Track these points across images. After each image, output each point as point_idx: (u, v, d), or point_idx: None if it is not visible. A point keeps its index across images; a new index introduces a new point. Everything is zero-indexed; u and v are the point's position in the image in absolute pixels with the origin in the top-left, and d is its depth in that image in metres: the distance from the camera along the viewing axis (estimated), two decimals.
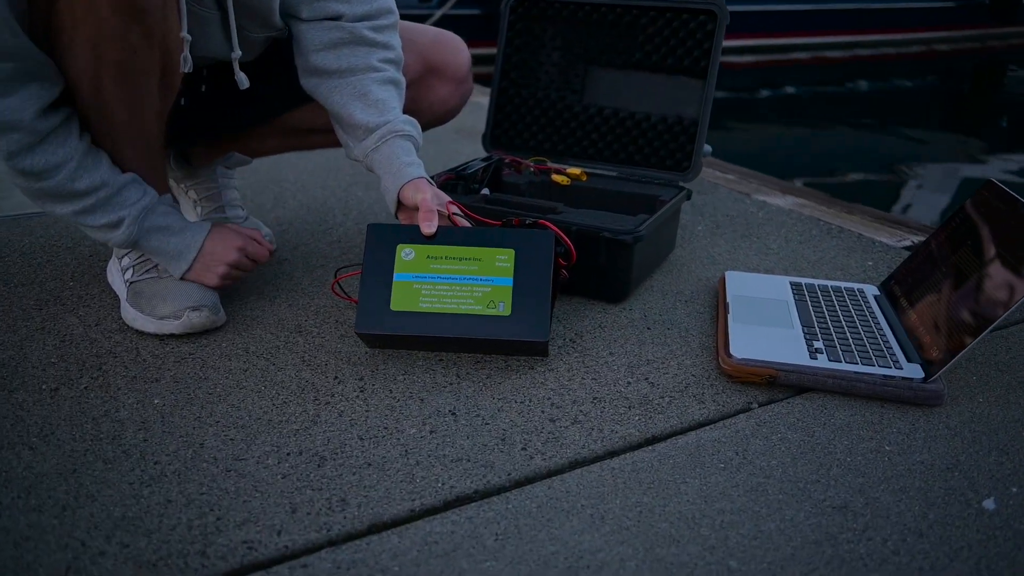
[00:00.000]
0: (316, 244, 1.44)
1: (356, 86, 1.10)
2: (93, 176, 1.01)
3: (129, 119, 1.01)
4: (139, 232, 1.06)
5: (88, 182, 1.00)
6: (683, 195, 1.37)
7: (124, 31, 0.92)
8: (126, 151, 1.04)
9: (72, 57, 0.93)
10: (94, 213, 1.03)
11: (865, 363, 1.00)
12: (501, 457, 0.86)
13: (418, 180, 1.06)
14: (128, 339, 1.08)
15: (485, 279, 1.00)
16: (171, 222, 1.08)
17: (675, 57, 1.44)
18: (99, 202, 1.02)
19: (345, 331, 1.12)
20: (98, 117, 1.00)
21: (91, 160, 1.01)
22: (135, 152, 1.05)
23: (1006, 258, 0.96)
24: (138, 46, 0.94)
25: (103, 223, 1.04)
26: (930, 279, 1.09)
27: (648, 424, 0.93)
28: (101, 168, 1.01)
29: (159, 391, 0.96)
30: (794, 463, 0.86)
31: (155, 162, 1.10)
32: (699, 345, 1.12)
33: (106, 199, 1.03)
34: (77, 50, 0.92)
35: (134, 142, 1.04)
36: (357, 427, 0.90)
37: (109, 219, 1.04)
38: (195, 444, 0.86)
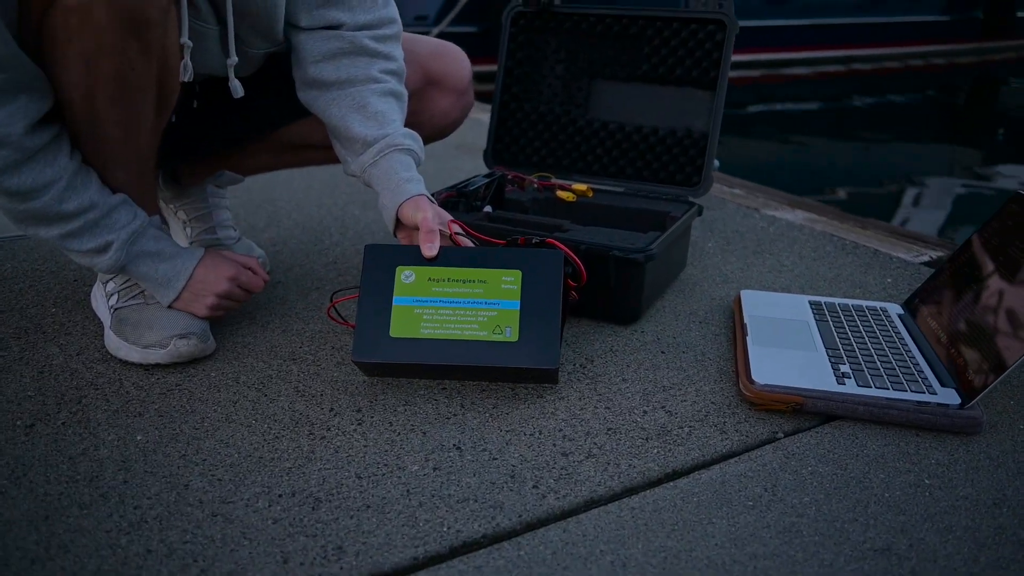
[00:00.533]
0: (311, 265, 1.38)
1: (355, 98, 1.05)
2: (82, 197, 0.95)
3: (123, 137, 0.95)
4: (127, 257, 1.00)
5: (77, 203, 0.94)
6: (694, 211, 1.32)
7: (122, 45, 0.86)
8: (117, 171, 0.98)
9: (64, 71, 0.87)
10: (81, 237, 0.97)
11: (896, 388, 0.94)
12: (511, 496, 0.79)
13: (418, 198, 1.00)
14: (111, 370, 1.01)
15: (490, 302, 0.94)
16: (162, 247, 1.02)
17: (683, 68, 1.39)
18: (87, 225, 0.96)
19: (342, 358, 1.06)
20: (90, 135, 0.94)
21: (80, 180, 0.95)
22: (127, 172, 0.99)
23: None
24: (136, 61, 0.89)
25: (90, 247, 0.98)
26: (961, 297, 1.03)
27: (668, 457, 0.86)
28: (90, 188, 0.95)
29: (142, 426, 0.90)
30: (828, 500, 0.79)
31: (146, 182, 1.04)
32: (717, 370, 1.06)
33: (94, 222, 0.97)
34: (70, 64, 0.86)
35: (126, 162, 0.98)
36: (355, 464, 0.84)
37: (96, 243, 0.98)
38: (179, 485, 0.80)
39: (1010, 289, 0.94)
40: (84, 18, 0.83)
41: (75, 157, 0.94)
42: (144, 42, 0.88)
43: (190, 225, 1.29)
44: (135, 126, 0.95)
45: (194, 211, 1.29)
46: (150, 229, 1.02)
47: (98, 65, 0.86)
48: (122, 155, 0.97)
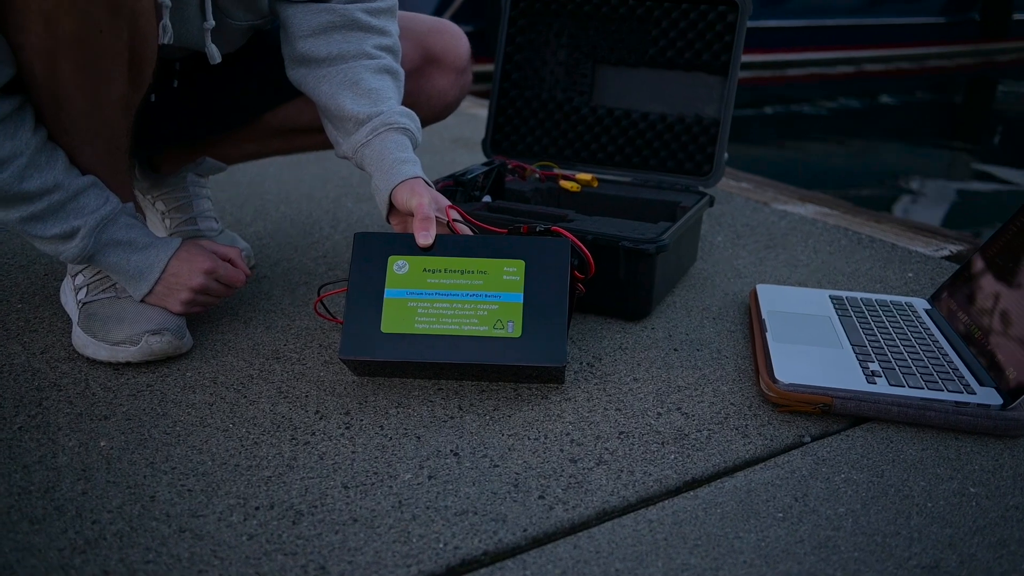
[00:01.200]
0: (300, 259, 1.30)
1: (347, 74, 0.97)
2: (45, 176, 0.86)
3: (91, 110, 0.87)
4: (95, 246, 0.92)
5: (39, 183, 0.86)
6: (705, 201, 1.24)
7: (85, 2, 0.78)
8: (85, 149, 0.90)
9: (24, 32, 0.79)
10: (44, 221, 0.89)
11: (932, 388, 0.87)
12: (515, 508, 0.71)
13: (413, 181, 0.92)
14: (77, 369, 0.93)
15: (491, 295, 0.86)
16: (134, 236, 0.94)
17: (693, 52, 1.31)
18: (51, 208, 0.88)
19: (330, 357, 0.98)
20: (54, 107, 0.86)
21: (45, 158, 0.86)
22: (96, 151, 0.91)
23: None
24: (103, 22, 0.80)
25: (54, 233, 0.89)
26: (996, 290, 0.95)
27: (686, 464, 0.78)
28: (56, 168, 0.87)
29: (107, 431, 0.81)
30: (866, 511, 0.72)
31: (118, 165, 0.95)
32: (735, 368, 0.98)
33: (59, 205, 0.88)
34: (30, 24, 0.78)
35: (95, 139, 0.90)
36: (341, 473, 0.76)
37: (62, 228, 0.89)
38: (144, 497, 0.71)
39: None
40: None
41: (39, 133, 0.86)
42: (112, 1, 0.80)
43: (169, 216, 1.21)
44: (105, 98, 0.87)
45: (173, 201, 1.21)
46: (122, 216, 0.94)
47: (59, 24, 0.78)
48: (90, 132, 0.89)
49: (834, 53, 7.71)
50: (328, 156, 1.99)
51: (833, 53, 7.70)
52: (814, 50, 7.60)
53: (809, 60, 7.55)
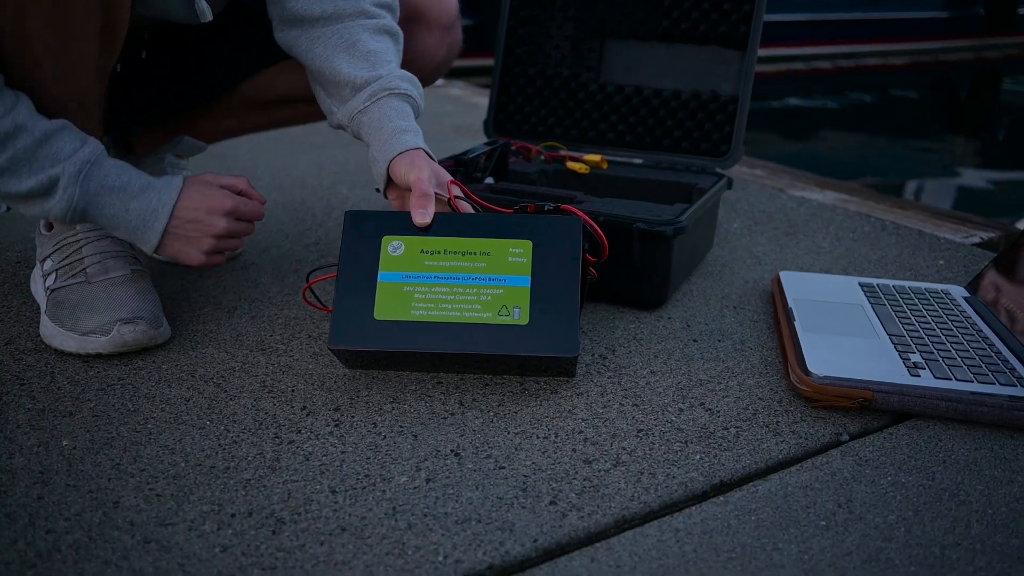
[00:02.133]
0: (290, 247, 1.22)
1: (342, 35, 0.88)
2: (4, 119, 0.75)
3: (62, 75, 0.78)
4: (83, 197, 0.79)
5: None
6: (724, 183, 1.16)
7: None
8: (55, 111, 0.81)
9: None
10: (16, 173, 0.77)
11: (982, 381, 0.79)
12: (523, 515, 0.63)
13: (414, 152, 0.84)
14: (43, 361, 0.85)
15: (496, 278, 0.78)
16: (127, 179, 0.82)
17: (709, 24, 1.23)
18: (18, 156, 0.76)
19: (319, 348, 0.90)
20: (21, 68, 0.77)
21: (5, 101, 0.76)
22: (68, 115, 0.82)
23: None
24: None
25: (30, 187, 0.78)
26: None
27: (713, 465, 0.70)
28: (18, 111, 0.76)
29: (71, 429, 0.73)
30: (919, 519, 0.64)
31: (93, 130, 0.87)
32: (760, 360, 0.90)
33: (28, 152, 0.77)
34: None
35: (67, 103, 0.81)
36: (329, 475, 0.68)
37: (38, 180, 0.77)
38: (107, 503, 0.63)
39: None
40: None
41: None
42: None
43: None
44: (77, 61, 0.79)
45: None
46: (107, 160, 0.82)
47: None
48: (63, 96, 0.80)
49: (837, 48, 7.64)
50: (323, 143, 1.91)
51: (836, 48, 7.63)
52: (816, 44, 7.52)
53: (812, 55, 7.48)
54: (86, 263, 0.88)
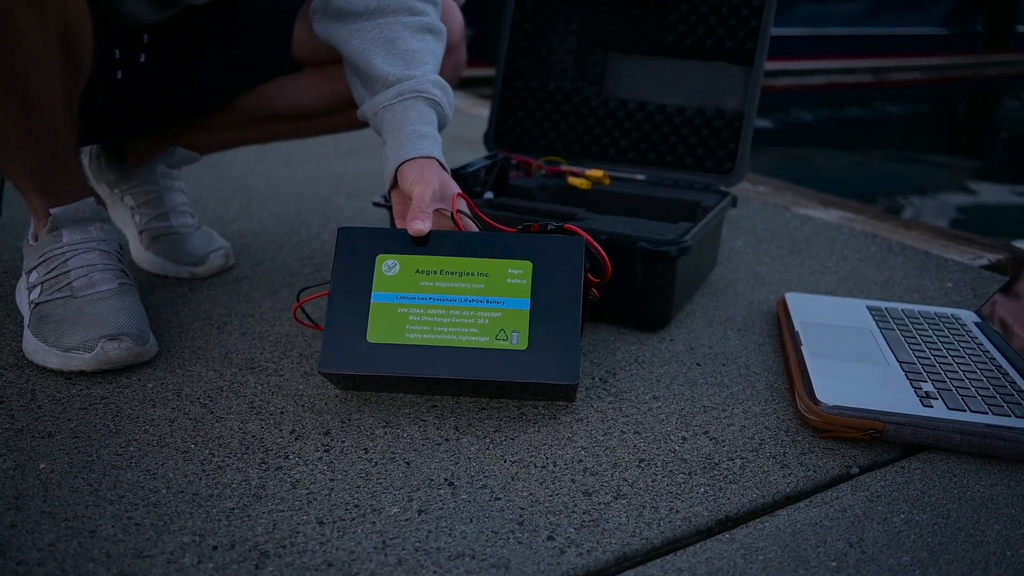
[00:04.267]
0: (284, 259, 1.19)
1: (383, 30, 0.86)
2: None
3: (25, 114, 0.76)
4: None
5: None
6: (728, 201, 1.14)
7: (5, 5, 0.68)
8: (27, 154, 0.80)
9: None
10: None
11: (997, 413, 0.76)
12: (519, 551, 0.60)
13: (426, 160, 0.81)
14: (24, 378, 0.82)
15: (494, 300, 0.75)
16: None
17: (714, 39, 1.21)
18: None
19: (311, 367, 0.87)
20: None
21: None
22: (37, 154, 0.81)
23: None
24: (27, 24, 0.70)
25: None
26: None
27: (719, 499, 0.67)
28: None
29: (50, 451, 0.70)
30: (935, 561, 0.61)
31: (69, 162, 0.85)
32: (766, 386, 0.87)
33: None
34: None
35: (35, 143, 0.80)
36: (316, 505, 0.65)
37: None
38: (83, 532, 0.60)
39: None
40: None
41: None
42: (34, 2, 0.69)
43: (139, 212, 1.11)
44: (40, 99, 0.76)
45: (143, 195, 1.10)
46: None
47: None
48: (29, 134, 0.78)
49: (837, 62, 7.65)
50: (320, 153, 1.89)
51: (836, 62, 7.64)
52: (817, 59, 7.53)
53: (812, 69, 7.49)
54: (72, 276, 0.86)
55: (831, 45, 7.61)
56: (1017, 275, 0.96)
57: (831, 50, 7.59)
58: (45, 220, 0.86)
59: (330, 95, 1.01)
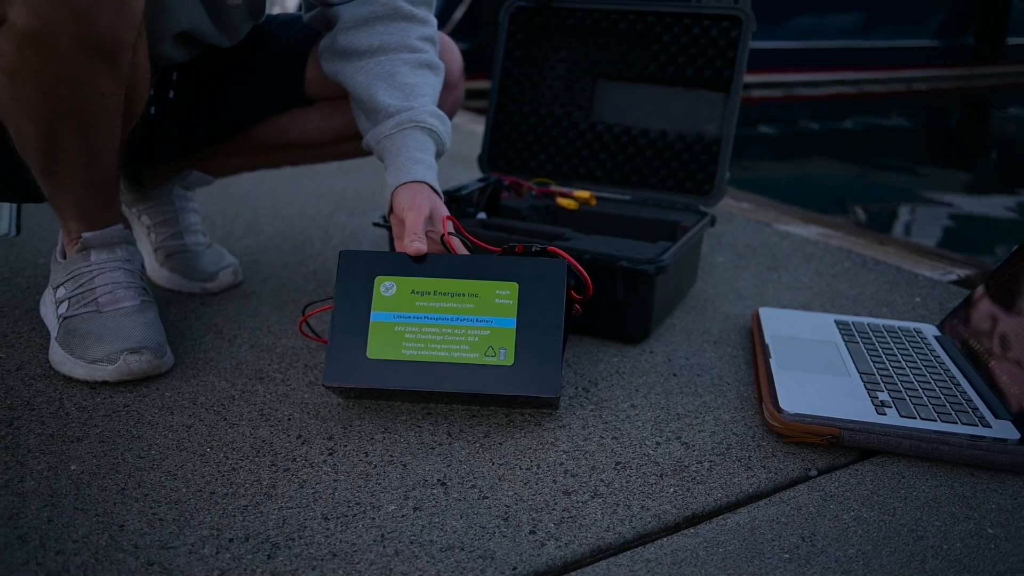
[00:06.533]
0: (289, 276, 1.27)
1: (384, 66, 0.94)
2: None
3: (88, 163, 0.86)
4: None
5: None
6: (707, 221, 1.21)
7: (90, 74, 0.76)
8: (79, 191, 0.89)
9: (14, 101, 0.77)
10: None
11: (945, 420, 0.83)
12: (504, 544, 0.67)
13: (419, 185, 0.88)
14: (52, 387, 0.89)
15: (483, 320, 0.83)
16: None
17: (694, 68, 1.29)
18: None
19: (315, 377, 0.94)
20: (45, 164, 0.84)
21: None
22: (88, 191, 0.90)
23: None
24: (106, 87, 0.78)
25: None
26: (1010, 318, 0.92)
27: (686, 498, 0.74)
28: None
29: (79, 454, 0.77)
30: (877, 553, 0.68)
31: (110, 194, 0.93)
32: (736, 395, 0.94)
33: None
34: (24, 95, 0.76)
35: (88, 183, 0.89)
36: (322, 503, 0.72)
37: None
38: (113, 526, 0.67)
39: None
40: (44, 48, 0.72)
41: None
42: (117, 66, 0.77)
43: (154, 230, 1.18)
44: (102, 151, 0.86)
45: (159, 215, 1.18)
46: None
47: (61, 98, 0.76)
48: (84, 179, 0.88)
49: (830, 75, 7.74)
50: (322, 171, 1.96)
51: (829, 75, 7.73)
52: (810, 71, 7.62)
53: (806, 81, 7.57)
54: (98, 293, 0.93)
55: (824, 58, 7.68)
56: (977, 291, 1.03)
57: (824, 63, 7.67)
58: (76, 241, 0.93)
59: (338, 126, 1.08)
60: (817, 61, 7.59)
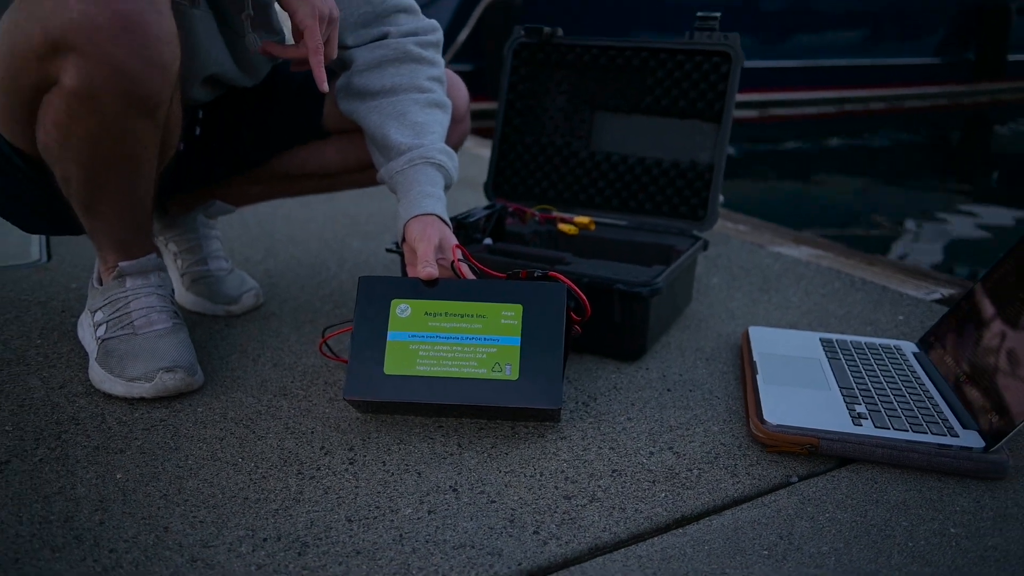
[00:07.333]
0: (307, 298, 1.35)
1: (396, 106, 1.03)
2: None
3: (127, 201, 0.94)
4: None
5: None
6: (699, 245, 1.29)
7: (132, 127, 0.85)
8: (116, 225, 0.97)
9: (64, 149, 0.86)
10: None
11: (916, 430, 0.90)
12: (510, 543, 0.74)
13: (429, 217, 0.97)
14: (94, 403, 0.97)
15: (489, 338, 0.90)
16: None
17: (687, 100, 1.37)
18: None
19: (335, 394, 1.02)
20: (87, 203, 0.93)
21: None
22: (125, 225, 0.98)
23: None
24: (145, 137, 0.87)
25: None
26: (980, 335, 0.99)
27: (676, 502, 0.82)
28: None
29: (123, 464, 0.85)
30: (848, 549, 0.75)
31: (145, 226, 1.02)
32: (726, 409, 1.01)
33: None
34: (73, 144, 0.85)
35: (125, 218, 0.97)
36: (345, 506, 0.79)
37: None
38: (158, 527, 0.75)
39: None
40: (90, 103, 0.81)
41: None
42: (155, 119, 0.86)
43: (181, 257, 1.26)
44: (139, 189, 0.94)
45: (185, 243, 1.26)
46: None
47: (105, 147, 0.85)
48: (123, 214, 0.96)
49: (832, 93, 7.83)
50: (335, 196, 2.05)
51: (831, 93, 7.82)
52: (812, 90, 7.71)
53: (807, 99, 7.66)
54: (133, 316, 1.01)
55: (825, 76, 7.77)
56: (952, 310, 1.11)
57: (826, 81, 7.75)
58: (112, 269, 1.01)
59: (353, 158, 1.17)
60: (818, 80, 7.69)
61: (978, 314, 1.02)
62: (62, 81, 0.80)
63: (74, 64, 0.78)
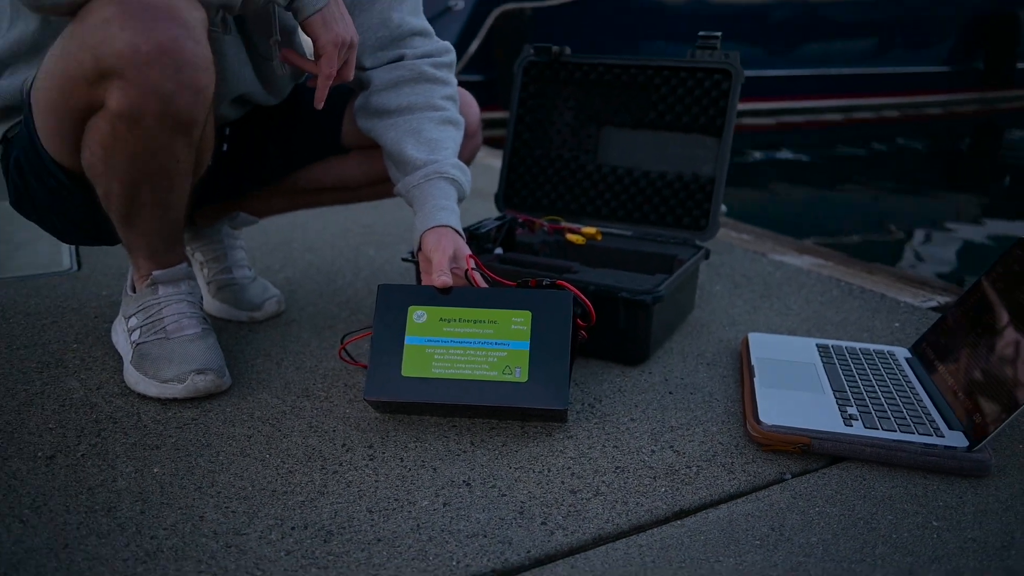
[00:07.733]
0: (325, 305, 1.41)
1: (411, 124, 1.10)
2: None
3: (162, 214, 1.01)
4: None
5: None
6: (701, 254, 1.34)
7: (170, 145, 0.92)
8: (151, 236, 1.04)
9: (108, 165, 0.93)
10: None
11: (904, 431, 0.95)
12: (519, 532, 0.80)
13: (444, 228, 1.03)
14: (130, 403, 1.04)
15: (501, 343, 0.96)
16: None
17: (690, 116, 1.43)
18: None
19: (354, 395, 1.08)
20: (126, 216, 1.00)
21: None
22: (159, 236, 1.05)
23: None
24: (182, 154, 0.94)
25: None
26: (969, 341, 1.04)
27: (676, 496, 0.87)
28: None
29: (159, 459, 0.91)
30: (835, 540, 0.80)
31: (177, 237, 1.09)
32: (724, 410, 1.07)
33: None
34: (116, 160, 0.92)
35: (160, 230, 1.04)
36: (366, 499, 0.85)
37: None
38: (194, 517, 0.81)
39: (1018, 334, 0.96)
40: (133, 124, 0.88)
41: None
42: (191, 138, 0.93)
43: (207, 266, 1.33)
44: (174, 202, 1.01)
45: (210, 252, 1.33)
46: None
47: (145, 164, 0.91)
48: (158, 226, 1.03)
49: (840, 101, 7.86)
50: (350, 207, 2.12)
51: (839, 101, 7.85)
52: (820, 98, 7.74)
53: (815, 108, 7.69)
54: (166, 321, 1.07)
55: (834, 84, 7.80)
56: (943, 317, 1.16)
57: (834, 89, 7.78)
58: (146, 277, 1.08)
59: (371, 172, 1.23)
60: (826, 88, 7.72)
61: (966, 322, 1.07)
62: (108, 104, 0.86)
63: (120, 88, 0.85)
